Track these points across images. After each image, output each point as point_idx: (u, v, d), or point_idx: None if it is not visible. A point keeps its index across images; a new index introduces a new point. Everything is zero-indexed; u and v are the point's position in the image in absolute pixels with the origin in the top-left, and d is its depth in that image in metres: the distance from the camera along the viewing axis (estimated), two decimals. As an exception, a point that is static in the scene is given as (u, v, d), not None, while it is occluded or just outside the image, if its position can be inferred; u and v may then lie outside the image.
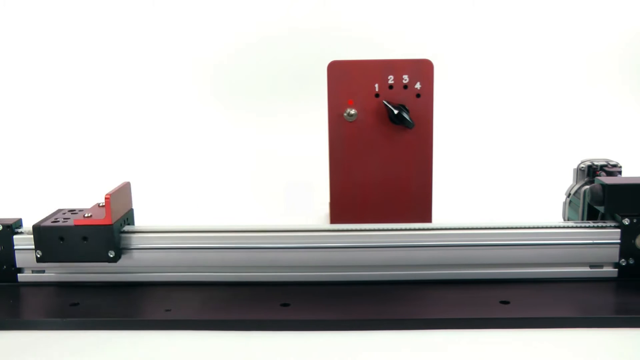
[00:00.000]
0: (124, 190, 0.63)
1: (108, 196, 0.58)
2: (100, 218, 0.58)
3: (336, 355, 0.49)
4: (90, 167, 1.05)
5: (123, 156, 1.09)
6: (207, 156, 1.09)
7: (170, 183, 1.00)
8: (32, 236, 0.61)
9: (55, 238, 0.58)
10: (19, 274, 0.62)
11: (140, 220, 0.81)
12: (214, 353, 0.49)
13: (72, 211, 0.63)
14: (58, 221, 0.59)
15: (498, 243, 0.59)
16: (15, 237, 0.61)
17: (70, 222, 0.58)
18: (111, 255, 0.58)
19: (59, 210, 0.63)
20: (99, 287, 0.61)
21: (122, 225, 0.61)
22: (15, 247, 0.61)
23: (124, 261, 0.60)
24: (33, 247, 0.60)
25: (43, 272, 0.62)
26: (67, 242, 0.58)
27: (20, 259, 0.61)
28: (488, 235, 0.60)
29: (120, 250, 0.59)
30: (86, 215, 0.59)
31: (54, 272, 0.62)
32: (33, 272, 0.62)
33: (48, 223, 0.59)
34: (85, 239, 0.58)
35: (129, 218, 0.63)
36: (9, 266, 0.61)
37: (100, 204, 0.62)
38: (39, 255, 0.58)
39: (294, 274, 0.61)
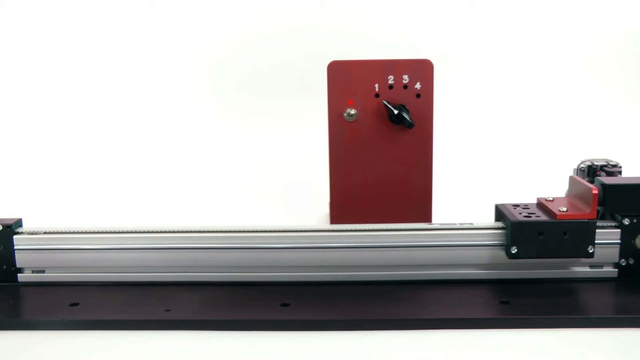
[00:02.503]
0: None
1: (596, 190, 0.56)
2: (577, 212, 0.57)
3: (336, 355, 0.49)
4: (90, 167, 1.05)
5: (123, 156, 1.09)
6: (207, 156, 1.09)
7: (170, 183, 1.00)
8: (32, 236, 0.61)
9: (535, 233, 0.56)
10: (19, 274, 0.62)
11: (141, 220, 0.81)
12: (214, 353, 0.49)
13: (515, 206, 0.61)
14: (530, 216, 0.58)
15: (498, 243, 0.59)
16: (15, 237, 0.61)
17: (544, 217, 0.57)
18: (590, 251, 0.56)
19: (502, 205, 0.62)
20: (99, 287, 0.61)
21: None
22: (15, 247, 0.61)
23: (124, 261, 0.61)
24: (33, 247, 0.60)
25: (43, 272, 0.62)
26: (547, 237, 0.56)
27: (20, 259, 0.61)
28: (488, 235, 0.60)
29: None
30: (561, 209, 0.57)
31: (54, 272, 0.62)
32: (33, 272, 0.62)
33: (522, 218, 0.57)
34: (565, 233, 0.56)
35: None
36: (9, 266, 0.61)
37: (548, 198, 0.61)
38: (514, 252, 0.57)
39: (294, 274, 0.61)
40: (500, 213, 0.61)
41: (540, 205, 0.61)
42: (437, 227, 0.61)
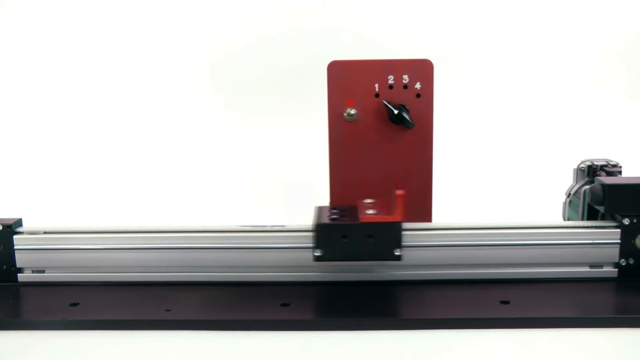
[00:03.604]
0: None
1: (401, 193, 0.54)
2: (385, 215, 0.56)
3: (336, 355, 0.49)
4: (90, 167, 1.05)
5: (123, 156, 1.09)
6: (207, 156, 1.09)
7: (170, 183, 1.00)
8: (32, 236, 0.61)
9: (339, 236, 0.55)
10: (19, 274, 0.62)
11: (141, 220, 0.81)
12: (214, 353, 0.49)
13: (333, 209, 0.60)
14: (336, 219, 0.56)
15: (498, 243, 0.59)
16: (15, 237, 0.61)
17: (352, 220, 0.56)
18: (397, 254, 0.55)
19: (321, 208, 0.61)
20: (99, 287, 0.61)
21: None
22: (15, 247, 0.61)
23: (124, 261, 0.61)
24: (33, 247, 0.60)
25: (43, 272, 0.62)
26: (352, 240, 0.55)
27: (20, 259, 0.61)
28: (488, 235, 0.60)
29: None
30: (368, 212, 0.56)
31: (54, 272, 0.62)
32: (33, 272, 0.62)
33: (327, 220, 0.56)
34: (371, 236, 0.55)
35: None
36: (9, 266, 0.61)
37: (367, 201, 0.60)
38: (318, 254, 0.55)
39: (294, 274, 0.61)
40: (315, 215, 0.59)
41: (358, 208, 0.59)
42: (437, 227, 0.61)
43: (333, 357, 0.49)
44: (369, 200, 0.61)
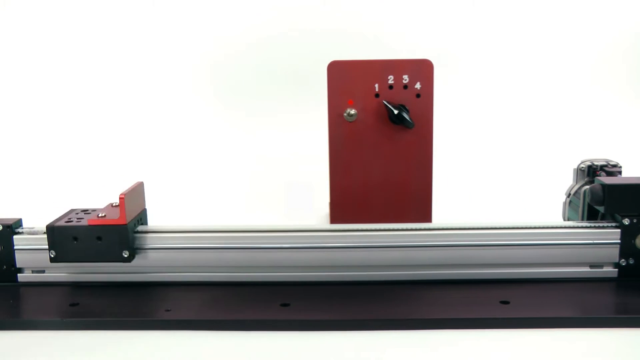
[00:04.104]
0: (138, 190, 0.63)
1: (123, 196, 0.57)
2: (115, 218, 0.58)
3: (336, 355, 0.49)
4: (91, 168, 1.05)
5: (123, 157, 1.09)
6: (207, 156, 1.09)
7: (170, 183, 1.00)
8: (32, 236, 0.61)
9: (70, 238, 0.58)
10: (19, 274, 0.62)
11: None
12: (214, 353, 0.49)
13: (85, 211, 0.62)
14: (72, 221, 0.59)
15: (498, 243, 0.59)
16: (15, 237, 0.61)
17: (84, 222, 0.58)
18: (125, 255, 0.58)
19: (71, 210, 0.63)
20: (99, 287, 0.61)
21: (135, 225, 0.61)
22: (15, 247, 0.61)
23: (123, 261, 0.61)
24: (33, 247, 0.60)
25: (43, 272, 0.62)
26: (82, 242, 0.58)
27: (20, 259, 0.61)
28: (488, 235, 0.60)
29: (135, 250, 0.59)
30: (100, 215, 0.59)
31: (54, 272, 0.62)
32: (33, 272, 0.62)
33: (62, 223, 0.58)
34: (99, 238, 0.58)
35: (142, 218, 0.63)
36: (9, 266, 0.61)
37: (114, 204, 0.62)
38: (52, 255, 0.58)
39: (294, 274, 0.61)
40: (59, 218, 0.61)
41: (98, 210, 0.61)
42: (437, 227, 0.61)
43: (333, 357, 0.49)
44: (114, 203, 0.62)
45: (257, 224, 0.62)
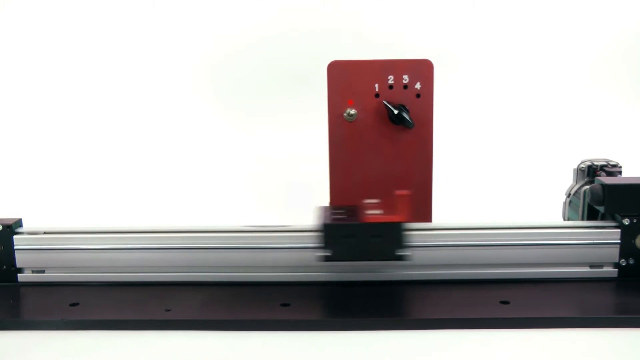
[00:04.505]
0: None
1: (407, 193, 0.55)
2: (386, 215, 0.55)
3: (336, 355, 0.49)
4: (90, 167, 1.05)
5: (123, 156, 1.09)
6: (207, 156, 1.09)
7: (170, 183, 1.00)
8: (32, 236, 0.61)
9: (344, 236, 0.55)
10: (19, 274, 0.62)
11: (141, 220, 0.81)
12: (214, 353, 0.49)
13: (336, 209, 0.60)
14: (340, 219, 0.56)
15: (498, 243, 0.59)
16: (15, 237, 0.61)
17: (354, 220, 0.56)
18: (401, 254, 0.55)
19: (324, 208, 0.60)
20: (99, 287, 0.61)
21: None
22: (15, 247, 0.61)
23: (124, 261, 0.61)
24: (33, 247, 0.60)
25: (43, 272, 0.62)
26: (357, 240, 0.55)
27: (20, 259, 0.61)
28: (488, 235, 0.60)
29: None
30: (371, 212, 0.56)
31: (54, 272, 0.62)
32: (33, 272, 0.62)
33: (331, 221, 0.55)
34: (376, 236, 0.55)
35: None
36: (9, 266, 0.61)
37: (369, 202, 0.59)
38: (328, 254, 0.55)
39: (294, 274, 0.60)
40: (318, 215, 0.59)
41: (361, 208, 0.59)
42: (437, 227, 0.61)
43: (333, 357, 0.49)
44: (372, 201, 0.61)
45: (257, 224, 0.62)
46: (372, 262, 0.60)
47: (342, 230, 0.55)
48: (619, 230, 0.59)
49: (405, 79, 0.67)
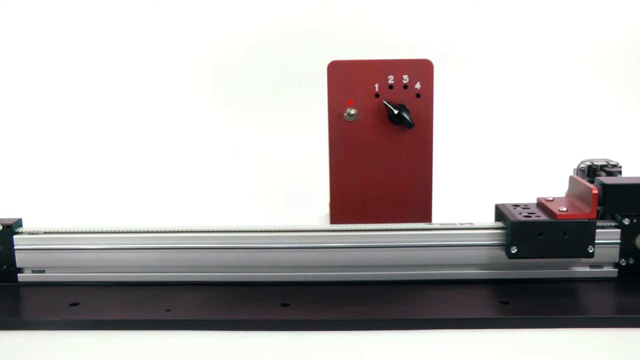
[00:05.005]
0: None
1: (596, 190, 0.56)
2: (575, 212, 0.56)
3: (336, 355, 0.49)
4: (90, 167, 1.05)
5: (123, 156, 1.09)
6: (207, 156, 1.09)
7: (170, 183, 1.00)
8: (32, 236, 0.61)
9: (535, 233, 0.56)
10: (19, 274, 0.62)
11: (141, 220, 0.81)
12: (214, 353, 0.49)
13: (515, 206, 0.61)
14: (529, 216, 0.57)
15: (498, 243, 0.59)
16: (15, 237, 0.61)
17: (543, 217, 0.57)
18: (590, 251, 0.56)
19: (502, 206, 0.62)
20: (99, 287, 0.61)
21: None
22: (15, 247, 0.61)
23: (124, 261, 0.61)
24: (33, 247, 0.60)
25: (43, 272, 0.62)
26: (547, 237, 0.56)
27: (20, 259, 0.61)
28: (488, 235, 0.60)
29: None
30: (561, 209, 0.57)
31: (54, 272, 0.62)
32: (33, 272, 0.62)
33: (522, 218, 0.57)
34: (565, 234, 0.56)
35: None
36: (9, 266, 0.61)
37: (548, 198, 0.61)
38: (514, 252, 0.57)
39: (294, 274, 0.61)
40: (500, 213, 0.61)
41: (541, 205, 0.61)
42: (437, 227, 0.61)
43: (333, 357, 0.49)
44: (549, 197, 0.62)
45: (257, 224, 0.62)
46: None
47: (533, 228, 0.56)
48: (619, 230, 0.59)
49: (405, 79, 0.67)
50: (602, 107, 1.14)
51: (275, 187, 0.98)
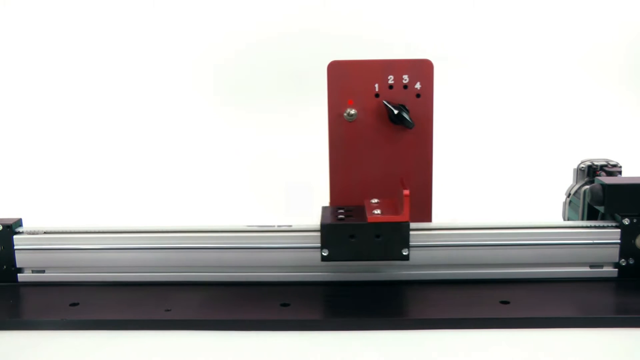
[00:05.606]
0: None
1: (408, 193, 0.55)
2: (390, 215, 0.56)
3: (336, 355, 0.49)
4: (90, 167, 1.05)
5: (123, 156, 1.09)
6: (207, 156, 1.09)
7: (170, 183, 1.00)
8: (32, 236, 0.61)
9: (346, 236, 0.56)
10: (19, 274, 0.62)
11: (141, 220, 0.81)
12: (214, 353, 0.49)
13: (339, 209, 0.61)
14: (342, 219, 0.57)
15: (498, 243, 0.59)
16: (15, 237, 0.61)
17: (358, 220, 0.56)
18: (405, 253, 0.56)
19: (325, 208, 0.61)
20: (99, 287, 0.61)
21: None
22: (15, 247, 0.61)
23: (124, 261, 0.61)
24: (33, 247, 0.60)
25: (43, 272, 0.62)
26: (359, 240, 0.56)
27: (20, 259, 0.61)
28: (488, 235, 0.60)
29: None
30: (374, 212, 0.56)
31: (54, 272, 0.62)
32: (33, 272, 0.62)
33: (333, 221, 0.56)
34: (378, 236, 0.56)
35: None
36: (9, 266, 0.62)
37: (373, 202, 0.60)
38: (324, 254, 0.56)
39: (294, 274, 0.61)
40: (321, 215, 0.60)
41: (365, 207, 0.60)
42: (437, 227, 0.61)
43: (333, 357, 0.49)
44: (374, 200, 0.61)
45: (257, 224, 0.62)
46: (374, 262, 0.60)
47: (344, 231, 0.55)
48: (619, 230, 0.59)
49: (405, 79, 0.67)
50: (602, 107, 1.14)
51: (275, 187, 0.98)
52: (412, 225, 0.61)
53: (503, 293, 0.57)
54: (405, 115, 0.66)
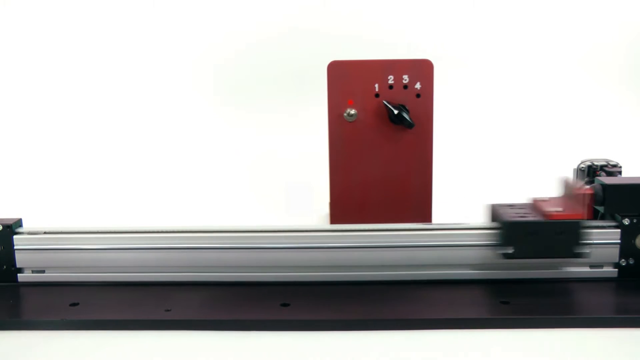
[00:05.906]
0: None
1: (591, 190, 0.56)
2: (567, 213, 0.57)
3: (336, 355, 0.49)
4: (90, 167, 1.05)
5: (123, 156, 1.09)
6: (207, 156, 1.09)
7: (170, 183, 1.00)
8: (32, 236, 0.61)
9: (529, 234, 0.57)
10: (19, 274, 0.62)
11: (141, 220, 0.81)
12: (214, 353, 0.49)
13: (510, 206, 0.62)
14: (524, 216, 0.58)
15: (496, 243, 0.59)
16: (15, 237, 0.61)
17: (535, 217, 0.57)
18: (581, 252, 0.57)
19: (496, 206, 0.62)
20: (99, 287, 0.61)
21: None
22: (15, 247, 0.61)
23: (124, 261, 0.61)
24: (33, 247, 0.60)
25: (43, 272, 0.62)
26: (540, 237, 0.56)
27: (20, 259, 0.61)
28: (488, 235, 0.60)
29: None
30: (550, 210, 0.57)
31: (54, 272, 0.62)
32: (33, 272, 0.62)
33: (516, 218, 0.57)
34: (560, 234, 0.56)
35: None
36: (9, 266, 0.62)
37: (540, 199, 0.61)
38: (510, 252, 0.57)
39: (294, 274, 0.61)
40: (495, 213, 0.61)
41: (535, 205, 0.61)
42: (437, 227, 0.61)
43: (333, 357, 0.49)
44: (544, 198, 0.62)
45: (257, 224, 0.62)
46: (374, 262, 0.60)
47: (526, 228, 0.56)
48: (619, 230, 0.59)
49: (405, 79, 0.67)
50: (602, 107, 1.14)
51: (275, 187, 0.98)
52: (412, 225, 0.61)
53: (503, 293, 0.57)
54: (405, 115, 0.66)
